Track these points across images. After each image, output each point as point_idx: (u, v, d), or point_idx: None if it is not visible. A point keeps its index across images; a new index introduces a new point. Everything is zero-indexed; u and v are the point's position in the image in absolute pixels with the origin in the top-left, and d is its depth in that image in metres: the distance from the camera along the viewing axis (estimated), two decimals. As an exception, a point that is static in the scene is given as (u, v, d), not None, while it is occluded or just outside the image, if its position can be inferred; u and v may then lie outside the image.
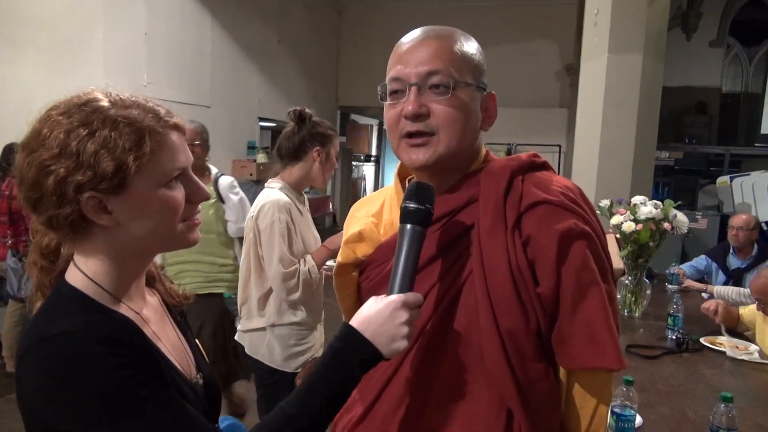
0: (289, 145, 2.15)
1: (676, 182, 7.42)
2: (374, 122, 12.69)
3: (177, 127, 0.86)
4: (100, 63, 5.01)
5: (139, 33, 5.42)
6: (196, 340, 1.03)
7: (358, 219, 1.12)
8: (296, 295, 2.10)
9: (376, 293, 1.00)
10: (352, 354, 0.87)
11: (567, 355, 0.92)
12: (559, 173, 1.08)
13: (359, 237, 1.07)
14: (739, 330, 2.88)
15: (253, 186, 6.61)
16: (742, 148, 8.73)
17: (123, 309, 0.85)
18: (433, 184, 0.98)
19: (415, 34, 0.99)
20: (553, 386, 0.95)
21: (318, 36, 9.34)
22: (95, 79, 5.16)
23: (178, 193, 0.85)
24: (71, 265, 0.86)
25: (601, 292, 0.91)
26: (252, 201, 2.31)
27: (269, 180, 2.20)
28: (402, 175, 1.10)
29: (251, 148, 7.34)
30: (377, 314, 0.89)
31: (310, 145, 2.14)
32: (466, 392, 0.94)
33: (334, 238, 2.23)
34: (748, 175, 7.22)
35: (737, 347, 2.60)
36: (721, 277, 3.95)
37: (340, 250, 1.11)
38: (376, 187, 13.10)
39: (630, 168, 4.33)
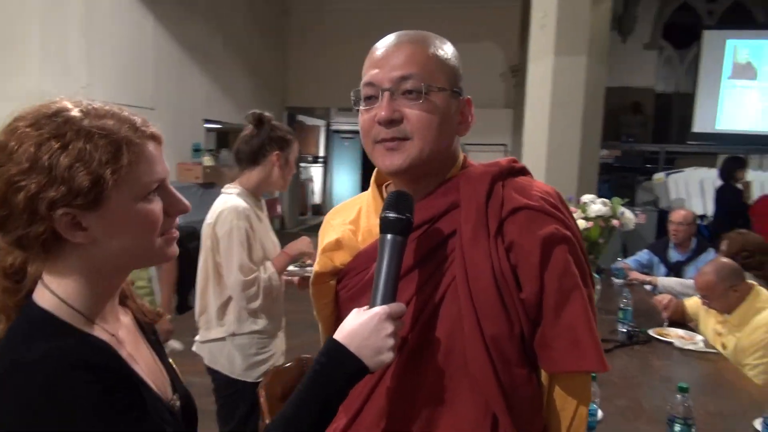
0: (247, 149, 2.10)
1: (616, 179, 7.70)
2: (321, 123, 12.61)
3: (154, 137, 0.82)
4: (36, 64, 4.78)
5: (78, 33, 5.20)
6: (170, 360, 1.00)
7: (335, 227, 1.10)
8: (257, 303, 2.06)
9: (355, 302, 0.99)
10: (337, 369, 0.86)
11: (550, 359, 0.94)
12: None
13: (337, 245, 1.06)
14: (684, 321, 3.02)
15: (199, 189, 6.45)
16: (676, 145, 9.14)
17: (97, 331, 0.81)
18: (411, 190, 0.98)
19: (389, 39, 0.99)
20: (535, 390, 0.96)
21: (264, 36, 9.20)
22: (31, 81, 4.91)
23: (157, 206, 0.81)
24: (39, 285, 0.81)
25: (583, 296, 0.93)
26: (198, 205, 2.25)
27: (226, 185, 2.15)
28: (379, 181, 1.10)
29: (197, 150, 7.15)
30: (362, 327, 0.87)
31: (270, 149, 2.10)
32: (451, 399, 0.94)
33: (294, 244, 2.20)
34: (682, 171, 7.61)
35: (684, 338, 2.73)
36: (663, 270, 4.13)
37: (317, 258, 1.09)
38: (324, 189, 13.02)
39: (576, 166, 4.46)
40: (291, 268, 2.33)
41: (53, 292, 0.79)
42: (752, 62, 8.30)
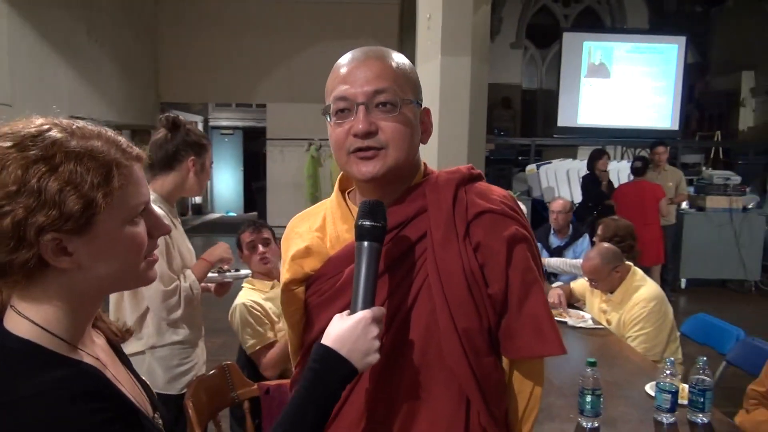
0: (161, 153, 2.01)
1: (493, 172, 8.19)
2: (199, 119, 12.11)
3: (139, 159, 0.80)
4: None
5: None
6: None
7: (302, 234, 1.11)
8: (178, 313, 1.98)
9: (328, 306, 1.03)
10: (331, 374, 0.89)
11: (515, 347, 1.03)
12: None
13: (306, 252, 1.08)
14: (572, 301, 3.32)
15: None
16: (543, 138, 9.91)
17: (84, 357, 0.77)
18: (378, 196, 1.02)
19: (355, 54, 1.02)
20: (501, 375, 1.06)
21: (132, 26, 8.63)
22: None
23: (142, 228, 0.79)
24: (10, 312, 0.75)
25: (542, 289, 1.04)
26: None
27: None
28: (342, 187, 1.13)
29: (65, 150, 6.59)
30: (349, 332, 0.91)
31: (185, 154, 2.02)
32: (427, 393, 1.00)
33: (213, 250, 2.14)
34: (550, 163, 8.28)
35: (576, 317, 3.01)
36: (544, 254, 4.49)
37: (287, 266, 1.10)
38: (204, 188, 12.54)
39: (465, 159, 4.71)
40: (209, 274, 2.27)
41: (29, 319, 0.74)
42: (605, 63, 9.20)
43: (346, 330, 0.91)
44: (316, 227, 1.11)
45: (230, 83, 9.45)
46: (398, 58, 1.03)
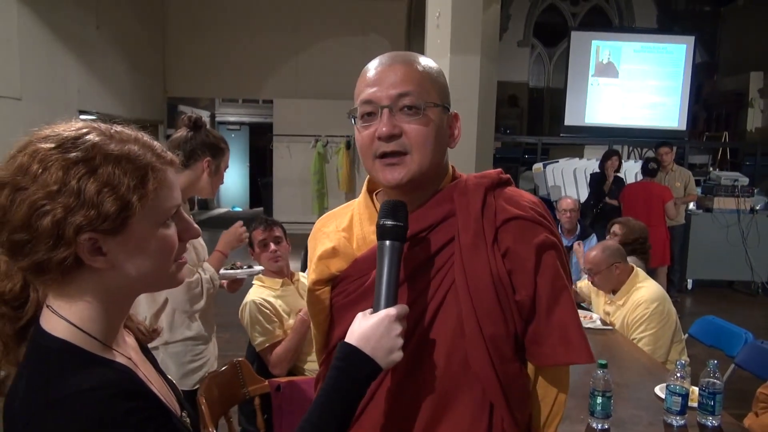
0: (179, 152, 2.02)
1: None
2: (206, 114, 12.13)
3: (173, 163, 0.82)
4: None
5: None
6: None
7: (329, 234, 1.12)
8: (201, 304, 2.00)
9: (354, 307, 1.03)
10: (355, 371, 0.90)
11: (542, 354, 1.03)
12: None
13: (333, 252, 1.08)
14: (577, 301, 3.33)
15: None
16: (550, 137, 9.90)
17: (118, 357, 0.79)
18: (407, 200, 1.03)
19: (383, 59, 1.03)
20: (526, 381, 1.06)
21: (142, 21, 8.66)
22: None
23: (173, 231, 0.81)
24: (46, 311, 0.77)
25: (570, 297, 1.03)
26: None
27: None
28: (370, 188, 1.14)
29: (73, 145, 6.62)
30: (373, 329, 0.92)
31: (201, 154, 2.04)
32: (452, 397, 1.01)
33: (225, 239, 2.15)
34: (557, 162, 8.27)
35: (584, 317, 3.02)
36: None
37: (314, 266, 1.11)
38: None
39: (474, 159, 4.72)
40: (222, 271, 2.29)
41: (65, 318, 0.76)
42: (613, 62, 9.18)
43: (369, 328, 0.92)
44: (343, 227, 1.12)
45: (237, 78, 9.48)
46: (425, 62, 1.04)
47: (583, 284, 3.36)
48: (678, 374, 1.87)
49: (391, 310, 0.93)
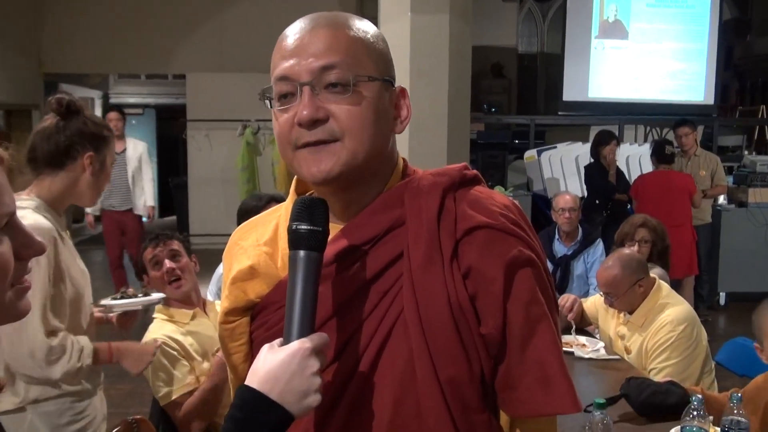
0: (49, 147, 2.00)
1: (482, 159, 8.24)
2: (96, 95, 11.95)
3: (0, 161, 0.80)
4: None
5: None
6: None
7: (246, 249, 1.12)
8: (54, 375, 1.94)
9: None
10: (256, 422, 0.90)
11: (516, 402, 1.03)
12: None
13: (251, 273, 1.08)
14: (582, 325, 3.38)
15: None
16: (545, 117, 10.06)
17: None
18: (342, 202, 1.04)
19: (304, 23, 1.03)
20: None
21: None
22: None
23: (6, 248, 0.79)
24: None
25: (551, 327, 1.03)
26: None
27: (16, 195, 2.02)
28: (300, 190, 1.14)
29: None
30: (282, 368, 0.92)
31: (81, 149, 2.02)
32: None
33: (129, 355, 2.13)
34: (555, 147, 8.39)
35: (584, 345, 3.07)
36: (549, 267, 4.58)
37: (227, 291, 1.11)
38: (105, 185, 12.37)
39: (445, 144, 4.76)
40: (107, 301, 2.26)
41: None
42: (621, 19, 9.39)
43: (277, 366, 0.92)
44: (265, 240, 1.11)
45: (138, 48, 9.32)
46: (358, 24, 1.04)
47: (588, 302, 3.42)
48: (694, 412, 1.92)
49: (306, 342, 0.93)
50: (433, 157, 4.69)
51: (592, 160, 6.46)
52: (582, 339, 3.15)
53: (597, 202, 6.26)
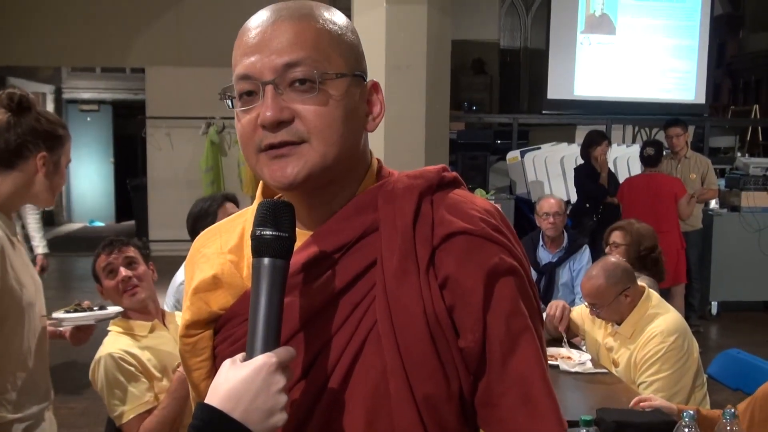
0: None
1: (462, 160, 8.28)
2: (47, 89, 11.83)
3: None
4: None
5: None
6: None
7: (209, 257, 1.11)
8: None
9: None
10: None
11: (497, 420, 1.03)
12: None
13: (214, 283, 1.07)
14: (567, 336, 3.39)
15: None
16: (529, 115, 10.11)
17: None
18: (309, 209, 1.03)
19: (266, 14, 1.02)
20: None
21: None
22: None
23: None
24: None
25: (534, 340, 1.03)
26: None
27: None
28: (267, 194, 1.13)
29: None
30: (245, 384, 0.91)
31: (33, 148, 1.99)
32: None
33: None
34: (539, 148, 8.45)
35: (569, 358, 3.08)
36: (533, 275, 4.60)
37: (188, 302, 1.09)
38: (56, 186, 12.28)
39: (423, 144, 4.78)
40: (59, 314, 2.23)
41: None
42: (608, 14, 9.48)
43: (240, 383, 0.91)
44: (231, 247, 1.10)
45: (93, 39, 9.27)
46: (326, 15, 1.03)
47: (574, 312, 3.43)
48: (685, 429, 1.93)
49: (271, 357, 0.92)
50: (409, 158, 4.71)
51: (581, 162, 6.49)
52: (568, 351, 3.16)
53: (587, 205, 6.30)
